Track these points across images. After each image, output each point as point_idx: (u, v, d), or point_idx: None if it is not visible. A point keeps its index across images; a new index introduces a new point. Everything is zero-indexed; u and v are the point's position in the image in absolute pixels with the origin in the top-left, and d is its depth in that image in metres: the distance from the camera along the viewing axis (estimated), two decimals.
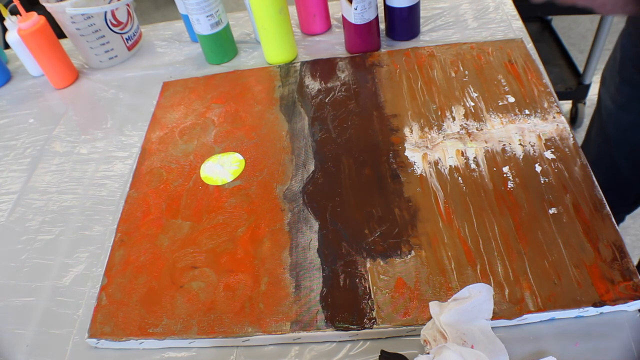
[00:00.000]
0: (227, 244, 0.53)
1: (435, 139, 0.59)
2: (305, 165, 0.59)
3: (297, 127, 0.64)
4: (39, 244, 0.59)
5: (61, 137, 0.74)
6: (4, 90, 0.86)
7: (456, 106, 0.62)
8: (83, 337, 0.49)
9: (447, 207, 0.52)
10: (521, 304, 0.43)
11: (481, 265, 0.46)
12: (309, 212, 0.54)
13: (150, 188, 0.61)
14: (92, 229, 0.60)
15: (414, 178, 0.55)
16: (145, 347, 0.48)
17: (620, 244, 0.46)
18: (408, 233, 0.50)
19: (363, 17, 0.69)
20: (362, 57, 0.73)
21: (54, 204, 0.64)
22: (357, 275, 0.48)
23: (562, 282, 0.44)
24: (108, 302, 0.50)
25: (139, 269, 0.53)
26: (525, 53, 0.68)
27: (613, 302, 0.42)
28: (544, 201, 0.50)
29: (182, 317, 0.48)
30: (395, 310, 0.45)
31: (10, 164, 0.72)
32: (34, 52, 0.79)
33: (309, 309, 0.46)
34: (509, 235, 0.48)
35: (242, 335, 0.46)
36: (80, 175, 0.67)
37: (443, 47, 0.71)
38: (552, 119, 0.58)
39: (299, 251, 0.51)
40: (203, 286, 0.50)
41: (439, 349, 0.38)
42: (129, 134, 0.72)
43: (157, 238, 0.55)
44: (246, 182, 0.59)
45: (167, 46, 0.87)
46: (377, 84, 0.68)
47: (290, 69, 0.74)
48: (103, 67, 0.85)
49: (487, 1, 0.80)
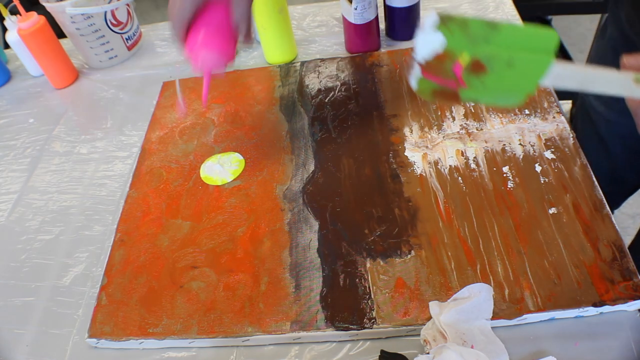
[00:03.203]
0: (227, 244, 0.53)
1: (435, 138, 0.59)
2: (305, 165, 0.59)
3: (297, 127, 0.64)
4: (39, 244, 0.59)
5: (61, 137, 0.74)
6: (4, 90, 0.86)
7: (456, 106, 0.62)
8: (83, 337, 0.49)
9: (447, 207, 0.52)
10: (521, 303, 0.43)
11: (481, 265, 0.46)
12: (309, 212, 0.54)
13: (150, 188, 0.61)
14: (92, 229, 0.60)
15: (414, 178, 0.55)
16: (145, 347, 0.48)
17: (620, 244, 0.46)
18: (408, 233, 0.50)
19: (363, 17, 0.69)
20: (362, 57, 0.73)
21: (54, 203, 0.64)
22: (357, 275, 0.48)
23: (562, 282, 0.44)
24: (108, 302, 0.50)
25: (139, 269, 0.52)
26: None
27: (613, 302, 0.42)
28: (544, 201, 0.50)
29: (182, 317, 0.48)
30: (395, 310, 0.45)
31: (10, 164, 0.72)
32: (34, 52, 0.79)
33: (309, 309, 0.46)
34: (509, 235, 0.48)
35: (242, 335, 0.46)
36: (80, 175, 0.67)
37: None
38: (552, 118, 0.58)
39: (299, 251, 0.51)
40: (203, 286, 0.50)
41: (439, 349, 0.38)
42: (129, 133, 0.72)
43: (157, 238, 0.55)
44: (246, 182, 0.59)
45: (167, 46, 0.87)
46: (377, 84, 0.68)
47: (290, 68, 0.74)
48: (103, 67, 0.85)
49: (487, 1, 0.80)
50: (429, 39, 0.30)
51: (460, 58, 0.30)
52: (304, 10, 0.88)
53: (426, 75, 0.31)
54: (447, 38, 0.30)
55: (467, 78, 0.31)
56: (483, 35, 0.30)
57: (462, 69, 0.31)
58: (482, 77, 0.31)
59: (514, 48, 0.31)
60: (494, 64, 0.31)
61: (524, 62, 0.31)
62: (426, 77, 0.31)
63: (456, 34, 0.30)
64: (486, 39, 0.30)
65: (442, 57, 0.30)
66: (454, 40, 0.30)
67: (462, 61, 0.30)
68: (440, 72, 0.31)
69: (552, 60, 0.31)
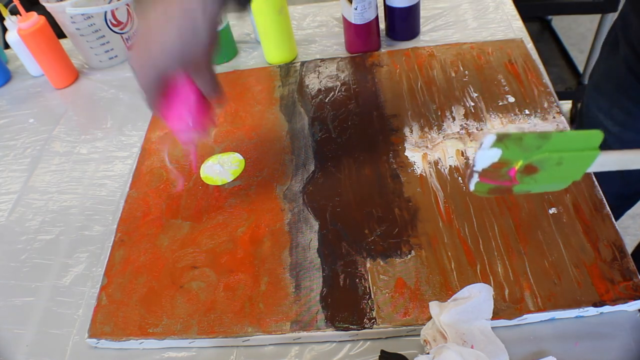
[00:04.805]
0: (227, 244, 0.53)
1: (435, 139, 0.59)
2: (305, 165, 0.59)
3: (297, 127, 0.64)
4: (39, 244, 0.59)
5: (61, 137, 0.74)
6: (4, 90, 0.86)
7: (456, 106, 0.62)
8: (83, 337, 0.49)
9: (447, 207, 0.52)
10: (521, 303, 0.43)
11: (481, 265, 0.46)
12: (309, 212, 0.54)
13: (150, 188, 0.61)
14: (92, 229, 0.60)
15: (414, 178, 0.55)
16: (145, 347, 0.48)
17: (620, 244, 0.46)
18: (408, 233, 0.50)
19: (363, 17, 0.69)
20: (362, 57, 0.73)
21: (54, 203, 0.64)
22: (357, 275, 0.48)
23: (562, 282, 0.44)
24: (108, 302, 0.50)
25: (139, 269, 0.52)
26: (525, 53, 0.68)
27: (613, 302, 0.42)
28: (544, 201, 0.50)
29: (182, 317, 0.48)
30: (395, 310, 0.45)
31: (10, 164, 0.72)
32: (34, 52, 0.79)
33: (309, 309, 0.46)
34: (509, 235, 0.48)
35: (242, 335, 0.46)
36: (80, 175, 0.67)
37: (443, 47, 0.71)
38: (552, 119, 0.58)
39: (299, 251, 0.51)
40: (203, 286, 0.50)
41: (439, 349, 0.38)
42: (129, 134, 0.72)
43: (157, 238, 0.55)
44: (246, 182, 0.59)
45: None
46: (377, 84, 0.68)
47: (290, 69, 0.74)
48: (103, 67, 0.85)
49: (487, 1, 0.80)
50: (487, 154, 0.33)
51: (515, 164, 0.34)
52: (304, 10, 0.88)
53: (483, 180, 0.35)
54: (503, 151, 0.33)
55: (520, 178, 0.34)
56: (536, 145, 0.33)
57: (516, 172, 0.34)
58: (534, 175, 0.35)
59: (563, 150, 0.34)
60: (546, 165, 0.34)
61: (573, 159, 0.34)
62: (483, 182, 0.35)
63: (511, 148, 0.33)
64: (538, 147, 0.33)
65: (498, 165, 0.34)
66: (509, 152, 0.33)
67: (516, 167, 0.34)
68: (497, 177, 0.34)
69: (597, 154, 0.34)
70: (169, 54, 0.42)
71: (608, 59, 0.69)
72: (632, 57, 0.62)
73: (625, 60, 0.64)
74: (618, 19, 0.66)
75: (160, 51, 0.42)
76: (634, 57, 0.62)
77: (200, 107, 0.47)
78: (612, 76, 0.68)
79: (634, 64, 0.62)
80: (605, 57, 0.70)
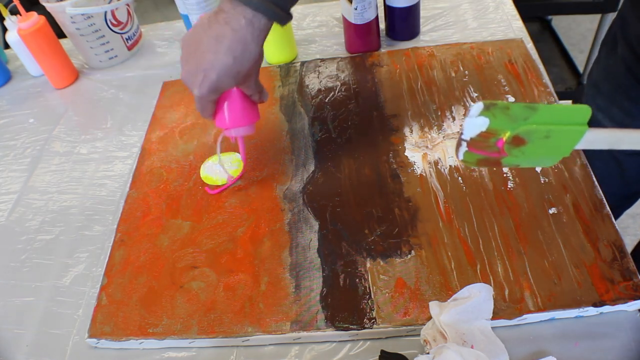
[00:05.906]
0: (227, 244, 0.53)
1: (435, 139, 0.59)
2: (305, 165, 0.59)
3: (297, 127, 0.64)
4: (39, 244, 0.59)
5: (61, 137, 0.74)
6: (4, 90, 0.86)
7: (456, 106, 0.62)
8: (83, 337, 0.49)
9: (447, 207, 0.51)
10: (521, 303, 0.43)
11: (481, 265, 0.46)
12: (309, 212, 0.54)
13: (150, 188, 0.61)
14: (92, 229, 0.60)
15: (414, 178, 0.55)
16: (145, 347, 0.48)
17: (620, 244, 0.46)
18: (408, 233, 0.50)
19: (363, 17, 0.69)
20: (362, 57, 0.73)
21: (54, 204, 0.64)
22: (357, 275, 0.48)
23: (562, 282, 0.44)
24: (108, 302, 0.50)
25: (139, 269, 0.52)
26: (525, 53, 0.68)
27: (613, 302, 0.42)
28: (544, 201, 0.50)
29: (182, 317, 0.48)
30: (395, 310, 0.45)
31: (10, 164, 0.72)
32: (34, 52, 0.79)
33: (309, 309, 0.46)
34: (509, 235, 0.48)
35: (242, 335, 0.46)
36: (80, 175, 0.67)
37: (443, 47, 0.71)
38: None
39: (299, 251, 0.51)
40: (203, 286, 0.50)
41: (439, 349, 0.38)
42: (129, 134, 0.72)
43: (157, 238, 0.55)
44: (246, 182, 0.59)
45: (167, 46, 0.87)
46: (377, 84, 0.68)
47: (290, 69, 0.74)
48: (103, 67, 0.85)
49: (487, 1, 0.80)
50: (475, 122, 0.33)
51: (503, 135, 0.34)
52: (304, 10, 0.88)
53: (471, 149, 0.35)
54: (491, 120, 0.33)
55: (508, 149, 0.34)
56: (523, 116, 0.33)
57: (504, 143, 0.34)
58: (522, 147, 0.35)
59: (551, 123, 0.34)
60: (533, 137, 0.34)
61: (560, 133, 0.35)
62: (471, 151, 0.35)
63: (499, 117, 0.33)
64: (525, 119, 0.33)
65: (486, 135, 0.34)
66: (496, 121, 0.33)
67: (504, 137, 0.34)
68: (485, 147, 0.35)
69: (586, 129, 0.35)
70: (224, 76, 0.47)
71: (607, 58, 0.69)
72: (630, 56, 0.62)
73: (624, 60, 0.64)
74: (617, 19, 0.66)
75: (216, 73, 0.46)
76: (632, 56, 0.62)
77: (246, 107, 0.53)
78: (611, 76, 0.68)
79: (633, 64, 0.62)
80: (604, 56, 0.70)
